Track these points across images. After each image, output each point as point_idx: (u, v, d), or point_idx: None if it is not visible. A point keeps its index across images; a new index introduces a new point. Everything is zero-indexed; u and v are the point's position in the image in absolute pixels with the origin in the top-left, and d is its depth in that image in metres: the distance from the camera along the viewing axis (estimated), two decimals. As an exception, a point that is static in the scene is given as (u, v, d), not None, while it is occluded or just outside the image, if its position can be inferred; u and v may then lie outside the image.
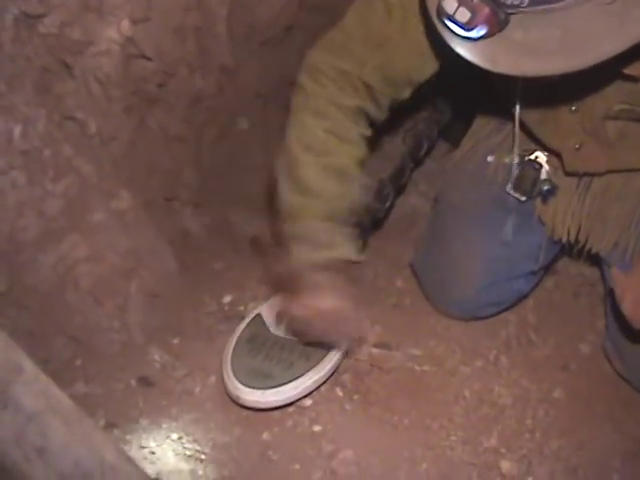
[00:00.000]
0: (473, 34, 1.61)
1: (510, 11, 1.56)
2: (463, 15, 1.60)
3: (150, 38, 2.06)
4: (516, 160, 2.16)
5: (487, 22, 1.58)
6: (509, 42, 1.61)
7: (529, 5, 1.55)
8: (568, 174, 2.12)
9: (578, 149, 2.03)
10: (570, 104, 1.96)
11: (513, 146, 2.12)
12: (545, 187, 2.14)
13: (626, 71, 1.79)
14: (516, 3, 1.55)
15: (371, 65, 1.98)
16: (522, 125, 2.11)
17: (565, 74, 1.59)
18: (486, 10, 1.56)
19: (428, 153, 2.75)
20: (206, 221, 2.51)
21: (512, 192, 2.19)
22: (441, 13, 1.63)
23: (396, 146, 2.72)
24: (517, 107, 2.02)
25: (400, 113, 2.76)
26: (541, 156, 2.15)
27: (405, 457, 1.87)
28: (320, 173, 1.99)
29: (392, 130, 2.84)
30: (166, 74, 2.15)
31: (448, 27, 1.64)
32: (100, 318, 2.06)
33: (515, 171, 2.17)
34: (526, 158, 2.16)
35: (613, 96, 1.89)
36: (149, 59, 2.08)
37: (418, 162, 2.68)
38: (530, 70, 1.63)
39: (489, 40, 1.61)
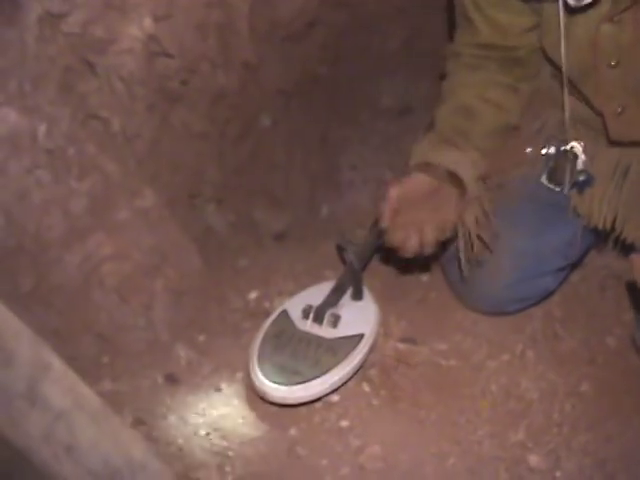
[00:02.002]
0: None
1: None
2: None
3: (172, 35, 2.06)
4: (552, 150, 2.16)
5: None
6: None
7: None
8: (612, 143, 2.10)
9: (620, 113, 2.01)
10: (609, 58, 1.95)
11: (564, 109, 2.12)
12: (581, 178, 2.13)
13: None
14: None
15: (469, 43, 2.21)
16: (571, 90, 2.11)
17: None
18: None
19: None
20: (230, 218, 2.51)
21: (547, 183, 2.18)
22: None
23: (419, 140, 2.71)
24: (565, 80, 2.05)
25: (422, 107, 2.77)
26: (577, 146, 2.14)
27: (432, 452, 1.87)
28: (442, 113, 2.20)
29: (415, 124, 2.84)
30: (189, 71, 2.16)
31: None
32: (126, 316, 2.06)
33: (550, 162, 2.16)
34: (562, 148, 2.15)
35: None
36: (171, 56, 2.08)
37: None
38: None
39: None
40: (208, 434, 1.89)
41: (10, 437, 1.12)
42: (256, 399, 1.96)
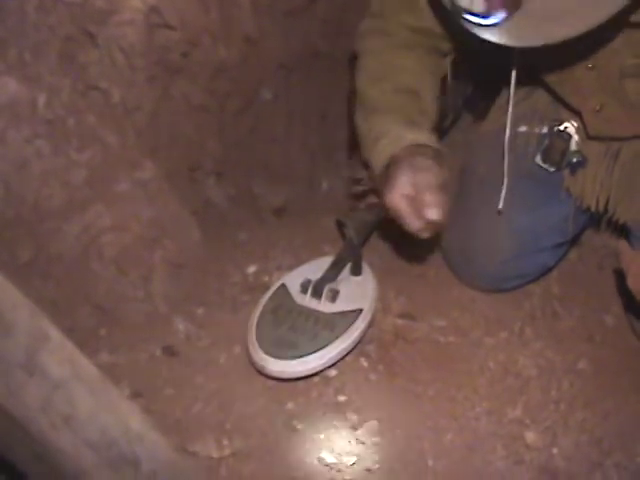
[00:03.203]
0: (494, 20, 1.60)
1: None
2: (479, 5, 1.59)
3: (174, 7, 2.05)
4: (545, 130, 2.15)
5: (504, 5, 1.57)
6: (530, 15, 1.60)
7: None
8: (592, 138, 2.10)
9: (599, 111, 2.01)
10: (586, 61, 1.94)
11: (508, 107, 2.10)
12: (574, 158, 2.13)
13: (633, 19, 1.77)
14: None
15: (407, 25, 2.07)
16: (547, 89, 2.10)
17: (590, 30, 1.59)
18: None
19: (453, 123, 2.74)
20: (230, 191, 2.51)
21: (541, 163, 2.18)
22: (457, 8, 1.63)
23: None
24: (513, 74, 2.01)
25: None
26: (570, 127, 2.14)
27: (429, 427, 1.87)
28: (384, 94, 2.09)
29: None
30: (190, 44, 2.15)
31: (467, 19, 1.64)
32: (124, 288, 2.06)
33: (544, 141, 2.16)
34: (555, 129, 2.15)
35: (625, 49, 1.88)
36: (173, 28, 2.07)
37: (443, 133, 2.66)
38: (556, 36, 1.62)
39: (511, 19, 1.61)
40: (205, 407, 1.89)
41: (8, 407, 1.12)
42: (254, 373, 1.96)
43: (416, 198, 1.91)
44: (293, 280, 2.13)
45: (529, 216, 2.18)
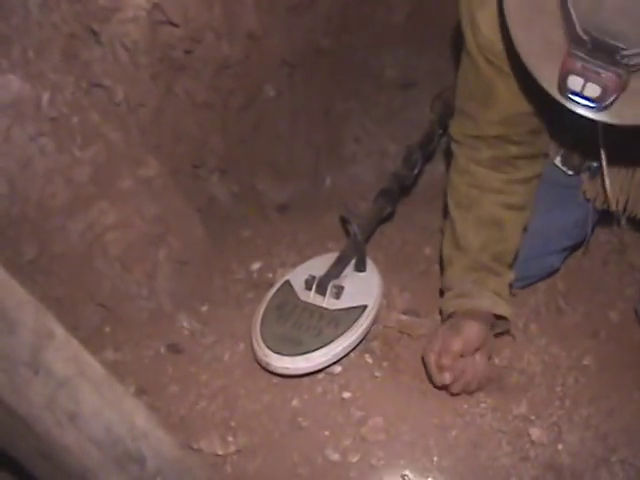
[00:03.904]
0: (605, 104, 1.57)
1: (633, 69, 1.52)
2: (593, 91, 1.53)
3: (177, 4, 2.05)
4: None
5: (617, 90, 1.54)
6: (633, 94, 1.57)
7: None
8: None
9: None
10: None
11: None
12: (595, 164, 2.12)
13: None
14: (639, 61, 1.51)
15: (485, 120, 2.00)
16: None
17: None
18: (615, 80, 1.50)
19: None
20: (233, 188, 2.51)
21: (560, 165, 2.17)
22: (564, 89, 1.59)
23: (424, 113, 2.70)
24: (603, 154, 2.01)
25: (427, 80, 2.76)
26: None
27: (435, 424, 1.87)
28: (467, 227, 2.07)
29: (420, 97, 2.83)
30: (193, 40, 2.14)
31: (574, 100, 1.60)
32: (129, 285, 2.06)
33: (566, 144, 2.15)
34: None
35: None
36: (176, 25, 2.07)
37: (446, 129, 2.66)
38: None
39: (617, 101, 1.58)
40: (210, 404, 1.89)
41: (13, 404, 1.13)
42: (258, 369, 1.96)
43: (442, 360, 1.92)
44: (297, 277, 2.13)
45: (542, 219, 2.16)
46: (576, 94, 1.56)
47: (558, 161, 2.16)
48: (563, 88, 1.57)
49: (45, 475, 1.33)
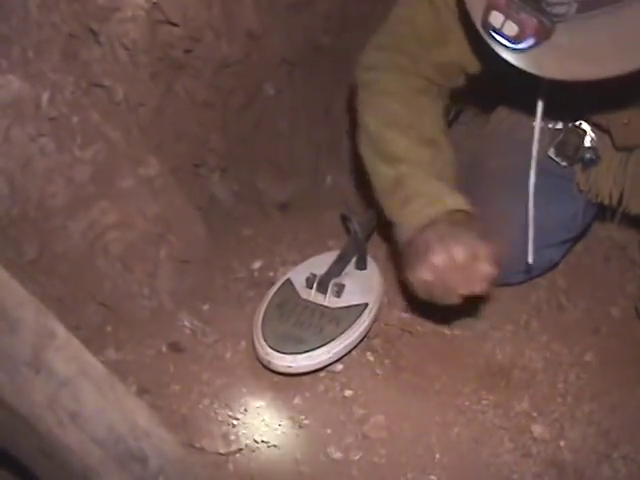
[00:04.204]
0: (521, 46, 1.60)
1: (557, 20, 1.55)
2: (511, 29, 1.58)
3: (176, 4, 2.05)
4: (560, 125, 2.15)
5: (535, 34, 1.57)
6: (556, 48, 1.59)
7: (576, 13, 1.53)
8: (618, 149, 2.10)
9: (627, 124, 2.01)
10: (616, 88, 1.93)
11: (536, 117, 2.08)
12: (587, 155, 2.12)
13: None
14: (562, 12, 1.53)
15: (426, 61, 2.02)
16: (566, 99, 2.09)
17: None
18: (533, 22, 1.55)
19: (456, 117, 2.73)
20: (234, 187, 2.51)
21: (554, 156, 2.17)
22: (487, 26, 1.62)
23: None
24: (540, 104, 2.00)
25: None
26: (584, 123, 2.13)
27: (436, 421, 1.87)
28: (410, 142, 2.00)
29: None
30: (192, 40, 2.14)
31: (495, 38, 1.63)
32: (130, 284, 2.06)
33: (559, 136, 2.15)
34: (570, 124, 2.14)
35: None
36: (175, 25, 2.07)
37: (447, 126, 2.66)
38: (579, 74, 1.61)
39: (536, 48, 1.60)
40: (212, 403, 1.89)
41: (15, 404, 1.13)
42: (260, 368, 1.96)
43: (454, 271, 1.82)
44: (298, 275, 2.14)
45: (538, 212, 2.17)
46: (496, 31, 1.61)
47: (552, 152, 2.16)
48: (486, 24, 1.62)
49: (47, 474, 1.33)
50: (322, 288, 2.07)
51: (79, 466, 1.21)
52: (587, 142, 2.14)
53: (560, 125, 2.17)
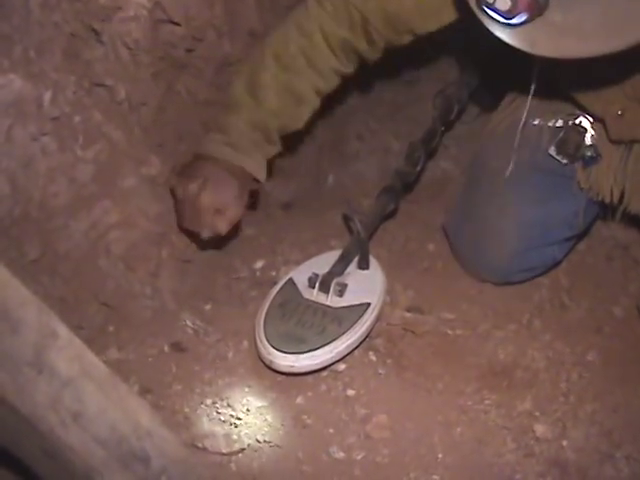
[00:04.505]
0: (514, 21, 1.60)
1: None
2: (504, 3, 1.59)
3: (178, 3, 2.05)
4: (560, 123, 2.15)
5: (528, 9, 1.57)
6: (549, 25, 1.59)
7: None
8: (614, 142, 2.09)
9: (621, 115, 2.01)
10: (610, 71, 1.93)
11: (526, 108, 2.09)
12: (588, 153, 2.13)
13: None
14: None
15: (374, 3, 2.01)
16: (563, 91, 2.09)
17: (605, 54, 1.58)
18: None
19: (459, 116, 2.73)
20: (236, 187, 2.51)
21: (554, 155, 2.17)
22: (481, 1, 1.62)
23: (426, 109, 2.70)
24: (532, 86, 2.00)
25: (430, 76, 2.76)
26: (585, 121, 2.13)
27: (439, 421, 1.87)
28: (274, 84, 2.08)
29: (422, 93, 2.83)
30: (194, 39, 2.14)
31: (486, 13, 1.63)
32: (132, 284, 2.06)
33: (559, 134, 2.15)
34: (570, 122, 2.14)
35: None
36: (177, 24, 2.07)
37: (449, 125, 2.66)
38: (570, 52, 1.62)
39: (529, 24, 1.60)
40: (214, 403, 1.89)
41: (17, 404, 1.13)
42: (262, 368, 1.96)
43: (193, 205, 2.02)
44: (300, 275, 2.14)
45: (539, 209, 2.17)
46: (489, 6, 1.62)
47: (552, 150, 2.17)
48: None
49: (49, 475, 1.33)
50: (324, 288, 2.07)
51: (81, 466, 1.20)
52: (588, 140, 2.14)
53: (560, 123, 2.17)
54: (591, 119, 2.14)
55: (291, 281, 2.13)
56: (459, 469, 1.77)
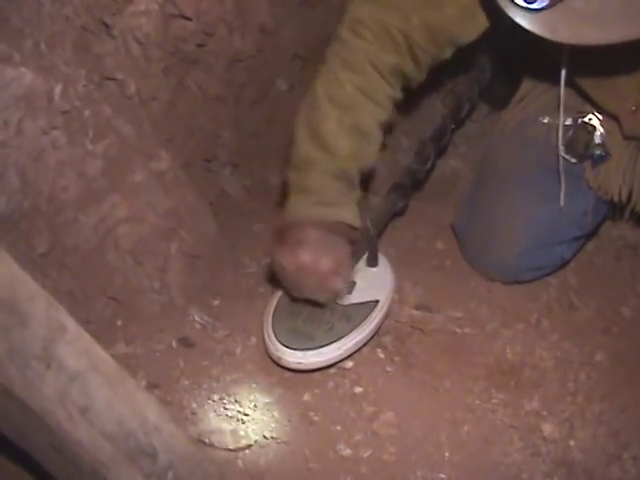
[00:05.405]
0: (535, 5, 1.59)
1: None
2: None
3: (189, -2, 2.06)
4: (569, 122, 2.14)
5: None
6: (570, 11, 1.59)
7: None
8: (626, 138, 2.09)
9: (635, 111, 2.00)
10: (627, 67, 1.93)
11: (559, 108, 2.07)
12: (597, 152, 2.12)
13: None
14: None
15: (417, 20, 1.96)
16: (576, 87, 2.08)
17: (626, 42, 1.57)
18: None
19: (469, 114, 2.73)
20: (245, 182, 2.51)
21: (564, 154, 2.16)
22: None
23: (437, 107, 2.70)
24: (563, 72, 1.99)
25: (440, 74, 2.75)
26: (594, 119, 2.13)
27: (446, 419, 1.87)
28: (341, 129, 1.98)
29: (433, 91, 2.82)
30: (205, 34, 2.14)
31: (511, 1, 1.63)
32: (140, 279, 2.06)
33: (568, 133, 2.15)
34: (579, 120, 2.14)
35: None
36: (188, 19, 2.07)
37: (459, 123, 2.66)
38: (591, 39, 1.62)
39: (550, 10, 1.60)
40: (222, 399, 1.89)
41: (25, 398, 1.13)
42: (270, 364, 1.96)
43: (311, 275, 1.91)
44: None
45: (548, 208, 2.17)
46: None
47: (561, 150, 2.16)
48: None
49: (57, 469, 1.33)
50: (333, 284, 2.06)
51: (89, 461, 1.21)
52: (597, 138, 2.14)
53: (570, 121, 2.16)
54: (600, 117, 2.14)
55: (300, 278, 2.12)
56: (466, 468, 1.77)
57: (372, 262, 2.18)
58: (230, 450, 1.77)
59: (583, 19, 1.60)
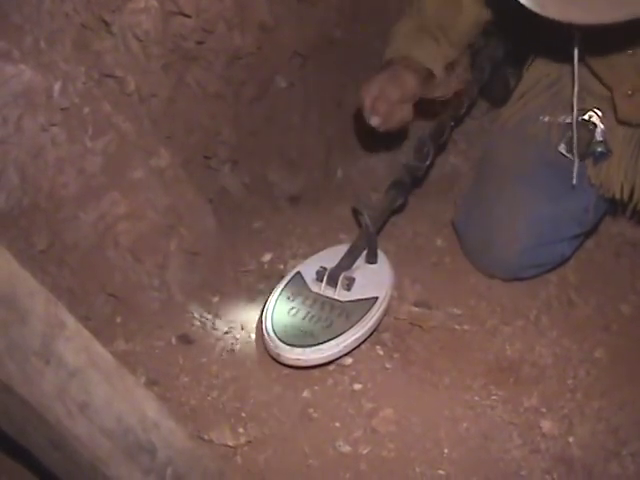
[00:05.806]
0: None
1: None
2: None
3: (188, -6, 2.06)
4: (570, 119, 2.14)
5: None
6: None
7: None
8: (621, 123, 2.09)
9: (631, 95, 2.00)
10: (626, 46, 1.93)
11: (573, 84, 2.08)
12: (598, 149, 2.12)
13: None
14: None
15: None
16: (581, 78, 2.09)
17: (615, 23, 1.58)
18: None
19: (468, 112, 2.73)
20: (245, 179, 2.51)
21: (564, 152, 2.17)
22: None
23: (437, 104, 2.70)
24: (576, 51, 1.99)
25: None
26: (595, 116, 2.13)
27: (445, 416, 1.87)
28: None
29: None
30: (205, 31, 2.14)
31: None
32: (140, 276, 2.06)
33: (568, 131, 2.15)
34: (580, 118, 2.14)
35: None
36: (188, 16, 2.07)
37: (458, 121, 2.65)
38: (577, 18, 1.63)
39: None
40: (221, 395, 1.89)
41: (24, 394, 1.13)
42: (269, 361, 1.96)
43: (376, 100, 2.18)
44: (308, 268, 2.14)
45: (549, 205, 2.17)
46: None
47: (562, 148, 2.16)
48: None
49: (56, 465, 1.33)
50: (332, 281, 2.07)
51: (88, 457, 1.21)
52: (598, 136, 2.14)
53: (569, 119, 2.16)
54: (600, 113, 2.13)
55: (299, 274, 2.13)
56: (465, 464, 1.76)
57: (371, 259, 2.18)
58: (229, 446, 1.76)
59: None
